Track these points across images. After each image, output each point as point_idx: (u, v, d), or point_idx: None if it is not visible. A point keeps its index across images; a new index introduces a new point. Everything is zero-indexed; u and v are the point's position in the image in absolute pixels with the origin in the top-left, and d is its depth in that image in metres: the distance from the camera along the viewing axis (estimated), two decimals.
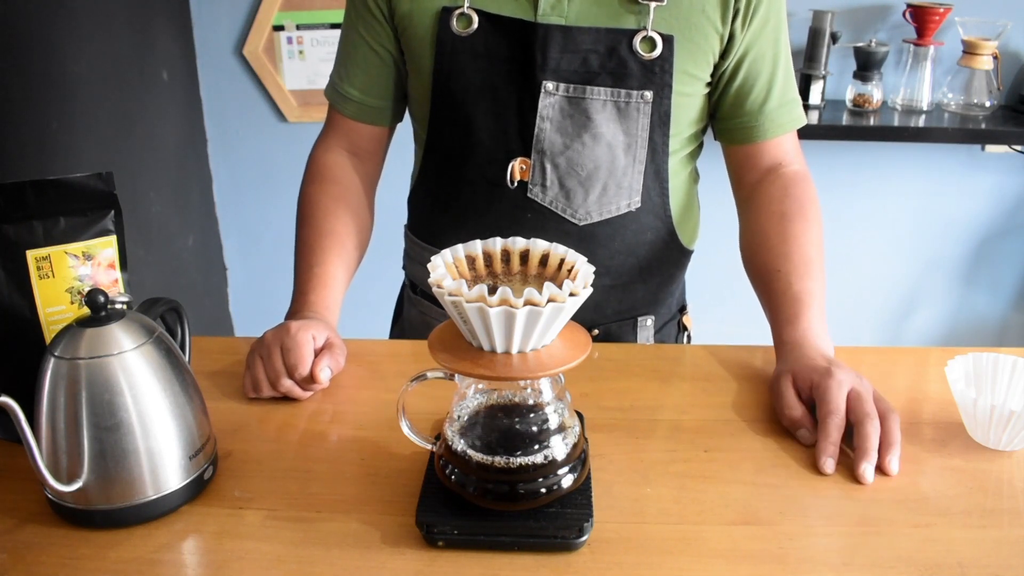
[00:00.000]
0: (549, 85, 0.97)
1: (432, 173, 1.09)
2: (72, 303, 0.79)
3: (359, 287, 2.42)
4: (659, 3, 0.96)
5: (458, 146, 1.04)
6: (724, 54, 1.00)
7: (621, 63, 0.97)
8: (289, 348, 0.88)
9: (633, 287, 1.09)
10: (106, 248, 0.81)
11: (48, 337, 0.78)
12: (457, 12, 0.98)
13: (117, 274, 0.82)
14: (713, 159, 1.15)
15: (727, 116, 1.06)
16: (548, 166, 1.00)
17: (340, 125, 1.13)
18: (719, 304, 2.02)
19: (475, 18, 0.98)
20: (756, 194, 1.06)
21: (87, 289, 0.78)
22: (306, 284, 1.01)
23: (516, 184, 1.01)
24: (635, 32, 0.96)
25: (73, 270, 0.79)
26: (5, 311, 0.77)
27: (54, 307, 0.78)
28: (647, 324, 1.13)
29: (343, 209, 1.07)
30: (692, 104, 1.03)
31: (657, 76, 0.97)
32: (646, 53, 0.96)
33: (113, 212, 0.81)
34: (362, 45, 1.07)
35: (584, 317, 0.86)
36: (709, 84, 1.03)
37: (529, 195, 1.01)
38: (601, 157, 1.00)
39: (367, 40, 1.06)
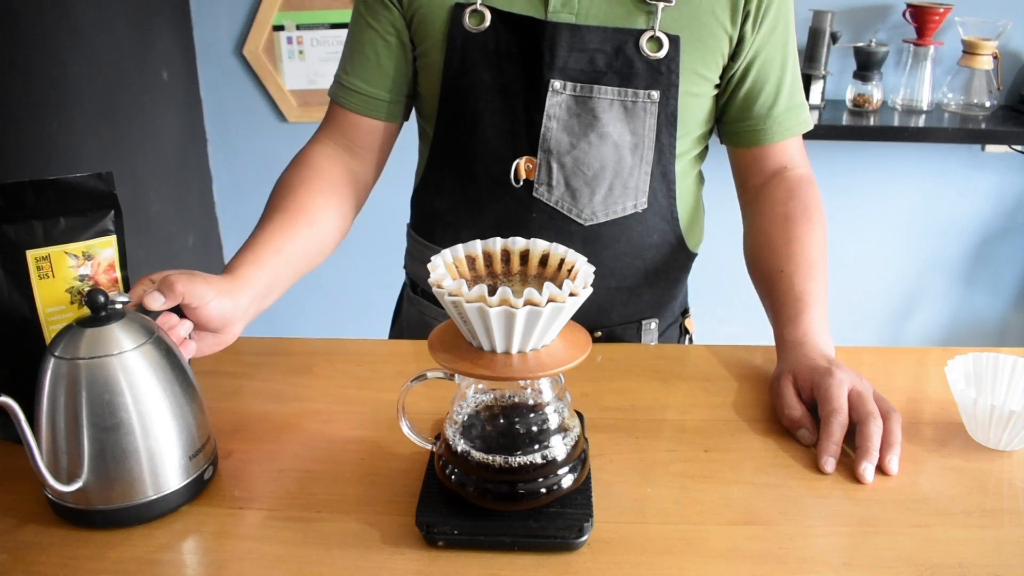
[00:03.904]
0: (556, 84, 0.97)
1: (437, 171, 1.09)
2: (72, 303, 0.79)
3: (360, 287, 2.44)
4: (667, 3, 0.96)
5: (464, 144, 1.03)
6: (734, 56, 1.00)
7: (627, 63, 0.97)
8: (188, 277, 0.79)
9: (639, 290, 1.09)
10: (106, 248, 0.81)
11: (48, 337, 0.78)
12: (470, 9, 0.98)
13: (117, 274, 0.82)
14: (714, 162, 1.15)
15: (735, 119, 1.06)
16: (554, 165, 1.00)
17: (338, 118, 1.08)
18: (721, 308, 2.02)
19: (487, 15, 0.98)
20: (761, 196, 1.06)
21: (87, 289, 0.78)
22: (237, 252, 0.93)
23: (521, 183, 1.01)
24: (642, 32, 0.96)
25: (73, 270, 0.79)
26: (5, 311, 0.77)
27: (54, 307, 0.78)
28: (651, 328, 1.13)
29: (306, 191, 1.00)
30: (701, 105, 1.03)
31: (664, 76, 0.97)
32: (652, 53, 0.96)
33: (113, 212, 0.81)
34: (370, 35, 1.04)
35: (589, 320, 0.86)
36: (718, 86, 1.03)
37: (535, 194, 1.01)
38: (607, 157, 0.99)
39: (376, 29, 1.04)
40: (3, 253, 0.76)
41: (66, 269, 0.78)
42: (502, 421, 0.68)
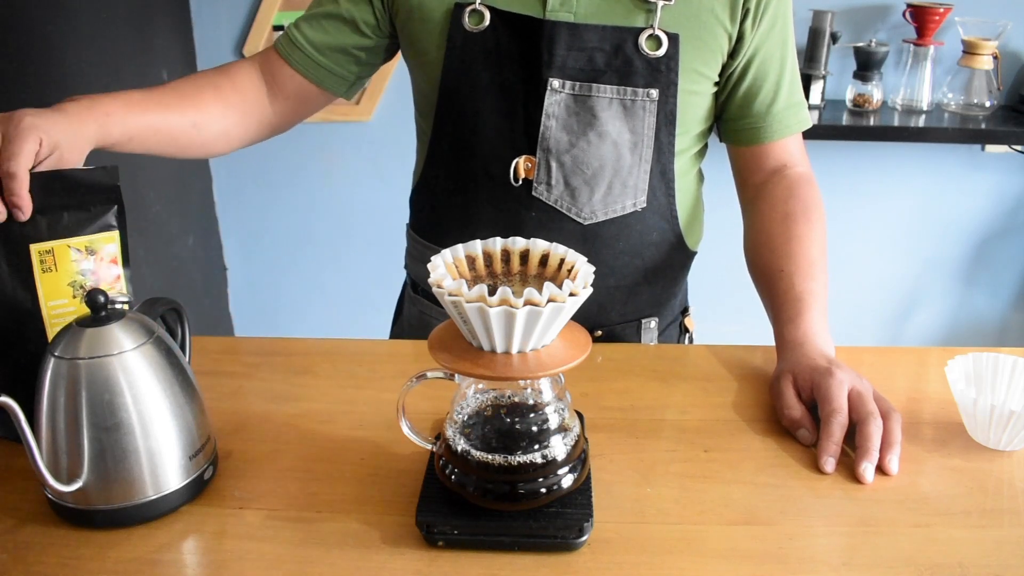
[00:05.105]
0: (555, 83, 0.97)
1: (435, 170, 1.09)
2: (74, 297, 0.79)
3: (360, 287, 2.44)
4: (667, 2, 0.96)
5: (463, 143, 1.04)
6: (733, 54, 1.00)
7: (626, 61, 0.97)
8: (11, 139, 0.76)
9: (638, 289, 1.09)
10: (109, 243, 0.81)
11: (50, 331, 0.78)
12: (469, 8, 0.98)
13: (119, 269, 0.82)
14: (714, 160, 1.15)
15: (734, 117, 1.06)
16: (553, 164, 1.00)
17: (271, 62, 1.08)
18: (720, 307, 2.02)
19: (486, 14, 0.98)
20: (761, 195, 1.06)
21: (89, 285, 0.78)
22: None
23: (520, 182, 1.01)
24: (641, 30, 0.96)
25: (76, 264, 0.79)
26: (8, 304, 0.77)
27: (56, 300, 0.79)
28: (651, 326, 1.13)
29: (207, 83, 1.04)
30: (700, 103, 1.03)
31: (663, 75, 0.97)
32: (651, 51, 0.97)
33: (116, 207, 0.81)
34: (337, 12, 1.05)
35: (589, 319, 0.86)
36: (717, 83, 1.03)
37: (534, 193, 1.01)
38: (607, 156, 1.00)
39: (344, 10, 1.04)
40: (7, 246, 0.77)
41: (69, 263, 0.79)
42: (502, 421, 0.68)
